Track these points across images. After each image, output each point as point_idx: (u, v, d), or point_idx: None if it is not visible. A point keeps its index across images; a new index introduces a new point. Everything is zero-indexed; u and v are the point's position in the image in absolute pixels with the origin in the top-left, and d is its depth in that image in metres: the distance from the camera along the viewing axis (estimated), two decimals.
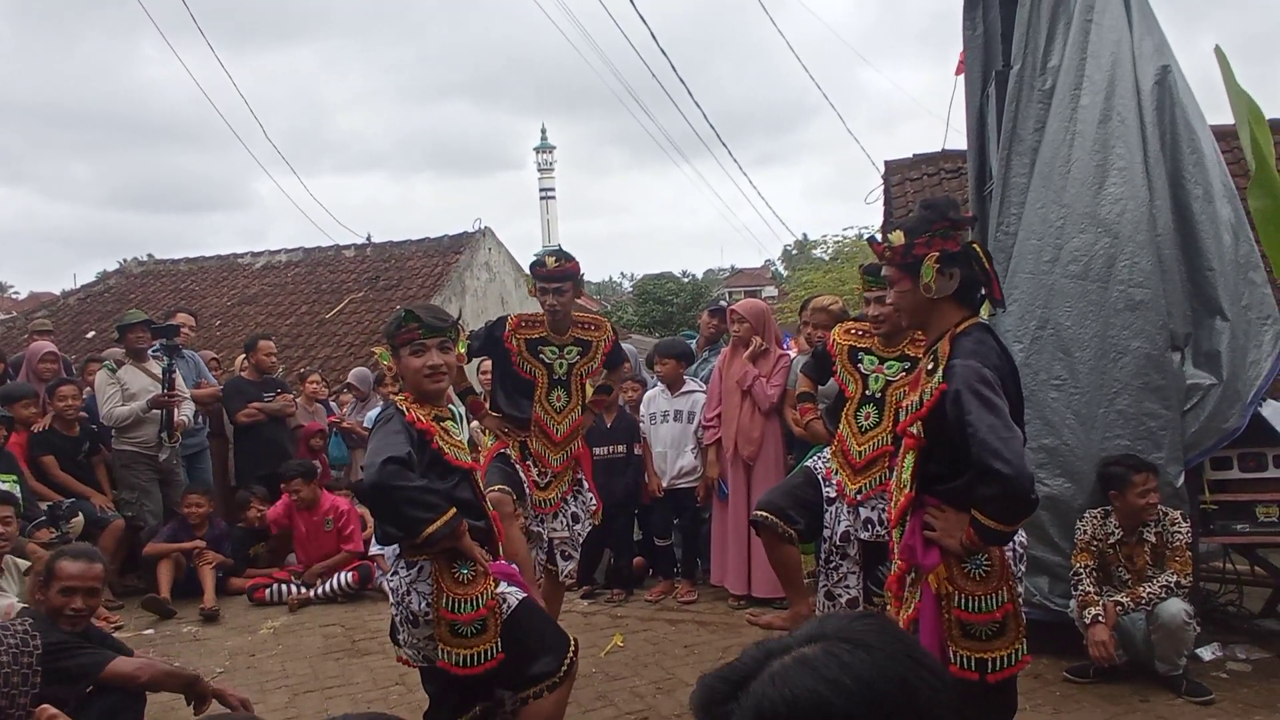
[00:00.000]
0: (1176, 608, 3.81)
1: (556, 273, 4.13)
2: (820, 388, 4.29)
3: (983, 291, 2.63)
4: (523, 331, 4.24)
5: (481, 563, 2.85)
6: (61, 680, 2.99)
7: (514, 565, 3.24)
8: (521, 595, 3.02)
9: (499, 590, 2.92)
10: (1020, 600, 2.49)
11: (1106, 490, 4.08)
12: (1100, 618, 3.88)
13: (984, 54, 5.03)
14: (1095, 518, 4.14)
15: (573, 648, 3.00)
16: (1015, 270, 4.44)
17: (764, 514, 3.77)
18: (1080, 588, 4.02)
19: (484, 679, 2.86)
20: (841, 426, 3.91)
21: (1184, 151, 4.33)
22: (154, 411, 6.40)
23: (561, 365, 4.25)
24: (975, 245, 2.59)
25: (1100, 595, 4.00)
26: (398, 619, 2.95)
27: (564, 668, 2.93)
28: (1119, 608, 3.95)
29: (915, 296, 2.59)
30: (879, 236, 2.72)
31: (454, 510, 2.76)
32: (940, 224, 2.56)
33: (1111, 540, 4.09)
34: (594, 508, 4.47)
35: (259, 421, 7.01)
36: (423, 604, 2.85)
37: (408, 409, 2.89)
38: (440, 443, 2.89)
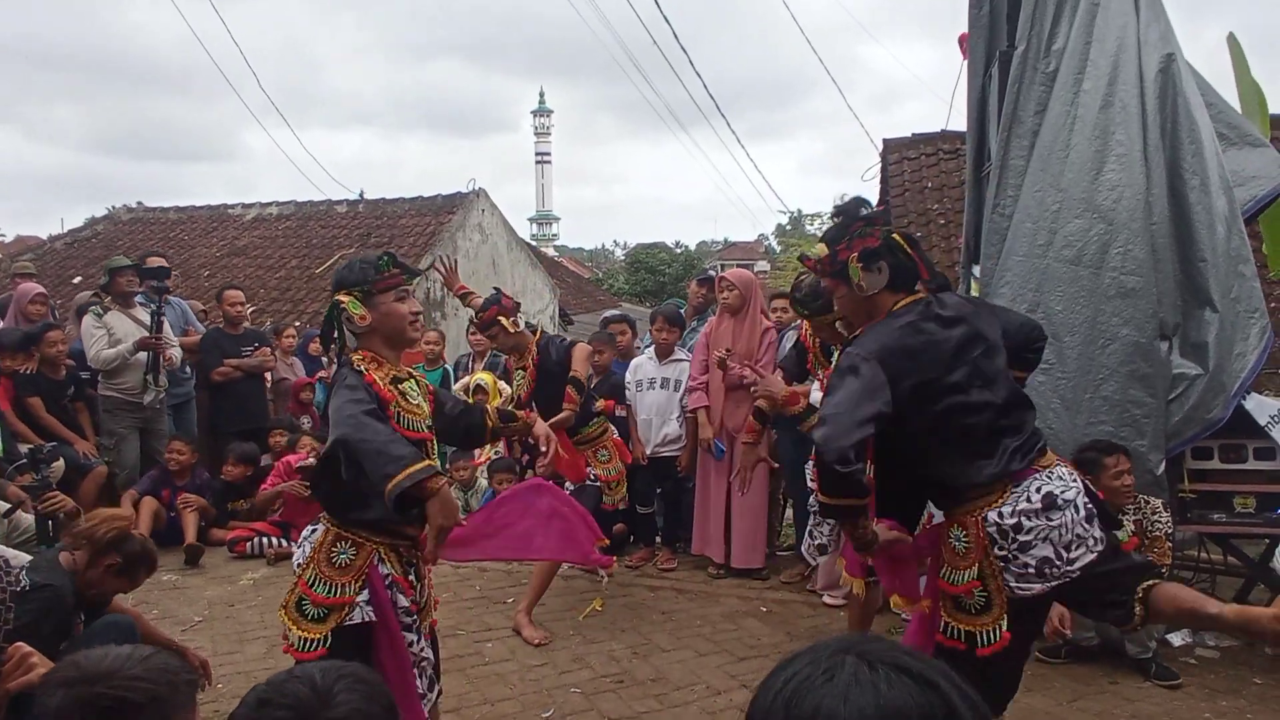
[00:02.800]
0: None
1: (481, 324, 4.81)
2: None
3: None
4: (513, 360, 4.99)
5: (445, 521, 2.45)
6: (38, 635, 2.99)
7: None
8: (373, 618, 2.66)
9: (360, 598, 2.65)
10: (1007, 580, 2.48)
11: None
12: None
13: (989, 34, 5.00)
14: None
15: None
16: (1009, 253, 4.44)
17: None
18: None
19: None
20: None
21: (1184, 141, 4.33)
22: (140, 355, 6.37)
23: (521, 386, 4.84)
24: (894, 235, 2.68)
25: None
26: None
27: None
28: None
29: (853, 297, 2.70)
30: (808, 253, 2.91)
31: (428, 462, 2.47)
32: (855, 225, 2.69)
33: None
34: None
35: (234, 379, 6.95)
36: (295, 567, 2.75)
37: (365, 369, 2.67)
38: (397, 413, 2.68)
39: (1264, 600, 3.36)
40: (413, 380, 2.85)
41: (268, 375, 7.42)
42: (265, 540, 6.17)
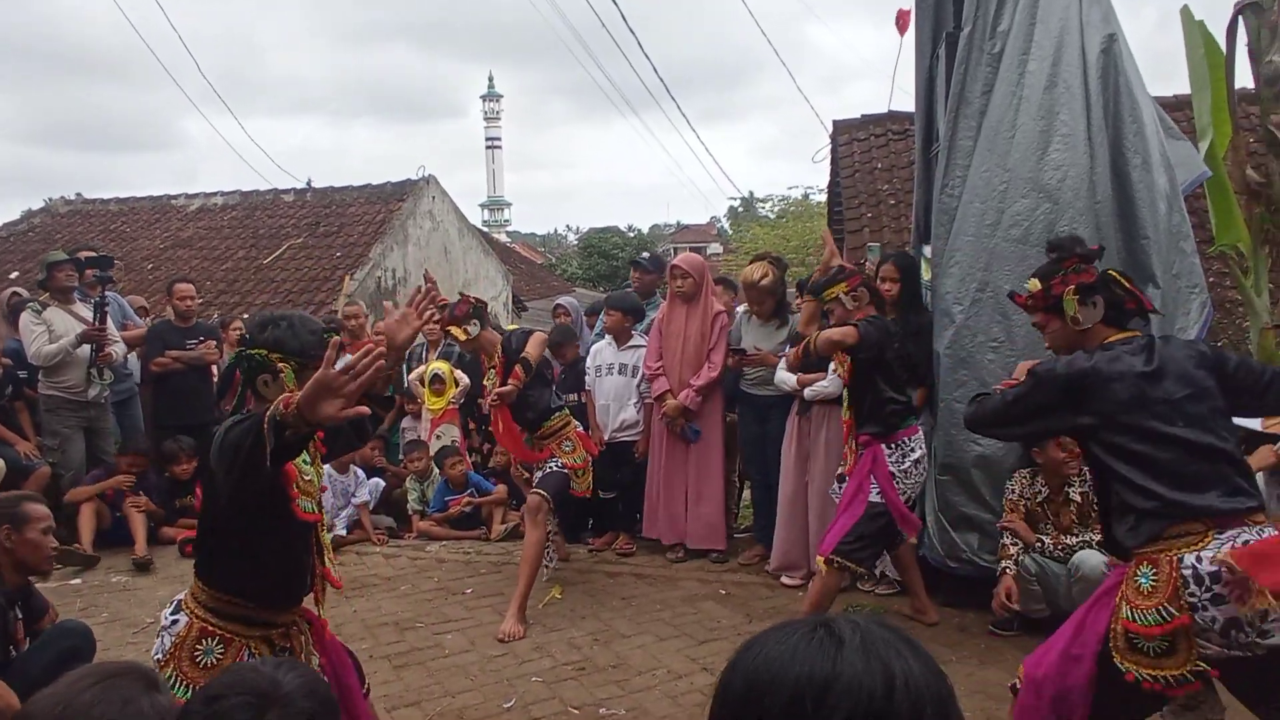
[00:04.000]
0: (1097, 560, 3.94)
1: (457, 319, 4.81)
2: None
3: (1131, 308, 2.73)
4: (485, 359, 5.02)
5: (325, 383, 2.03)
6: None
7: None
8: None
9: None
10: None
11: (1028, 450, 4.21)
12: (1009, 570, 4.04)
13: (935, 15, 5.04)
14: (1024, 477, 4.26)
15: None
16: (958, 233, 4.49)
17: None
18: (1002, 541, 4.17)
19: None
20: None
21: (1125, 120, 4.39)
22: (83, 351, 6.18)
23: (492, 385, 4.91)
24: (1110, 272, 2.73)
25: (1017, 550, 4.14)
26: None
27: None
28: (1039, 545, 4.14)
29: (1066, 332, 2.72)
30: (1021, 290, 2.91)
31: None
32: (1071, 260, 2.71)
33: (1039, 499, 4.21)
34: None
35: (176, 370, 6.76)
36: (154, 657, 2.49)
37: None
38: (296, 489, 2.40)
39: None
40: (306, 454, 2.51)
41: (214, 369, 7.27)
42: None
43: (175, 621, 2.49)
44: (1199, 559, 2.32)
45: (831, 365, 4.60)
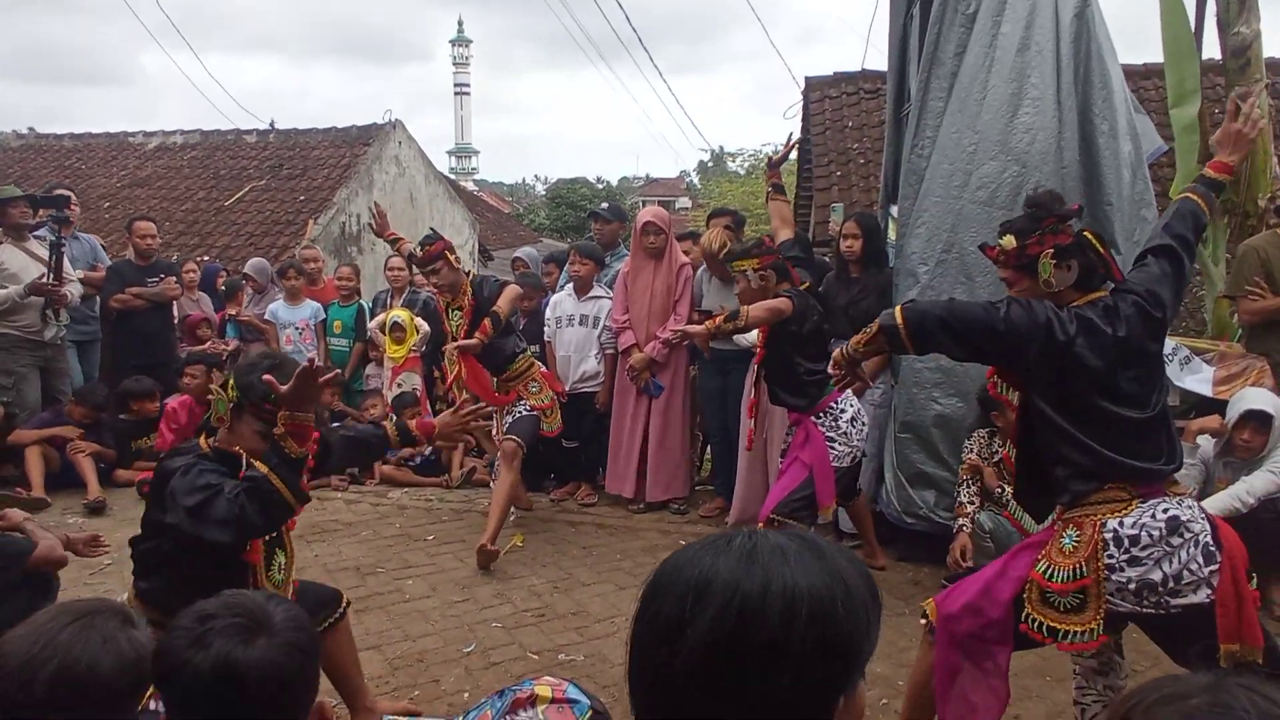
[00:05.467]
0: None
1: (424, 259, 4.87)
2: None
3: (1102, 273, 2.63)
4: (445, 299, 5.09)
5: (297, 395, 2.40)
6: None
7: None
8: None
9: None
10: (1105, 589, 2.42)
11: (987, 413, 4.27)
12: (965, 528, 4.13)
13: None
14: (981, 437, 4.34)
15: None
16: (925, 194, 4.51)
17: None
18: (958, 499, 4.25)
19: None
20: None
21: (1095, 86, 4.42)
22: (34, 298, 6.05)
23: (460, 326, 4.97)
24: (1086, 233, 2.62)
25: (973, 509, 4.22)
26: None
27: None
28: (999, 492, 4.24)
29: (1035, 292, 2.61)
30: (990, 243, 2.76)
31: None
32: (1049, 220, 2.60)
33: (996, 459, 4.29)
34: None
35: (136, 309, 6.67)
36: None
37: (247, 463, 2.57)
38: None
39: None
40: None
41: (175, 309, 7.17)
42: None
43: None
44: (1120, 524, 2.41)
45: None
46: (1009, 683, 2.58)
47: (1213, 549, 2.37)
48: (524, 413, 5.06)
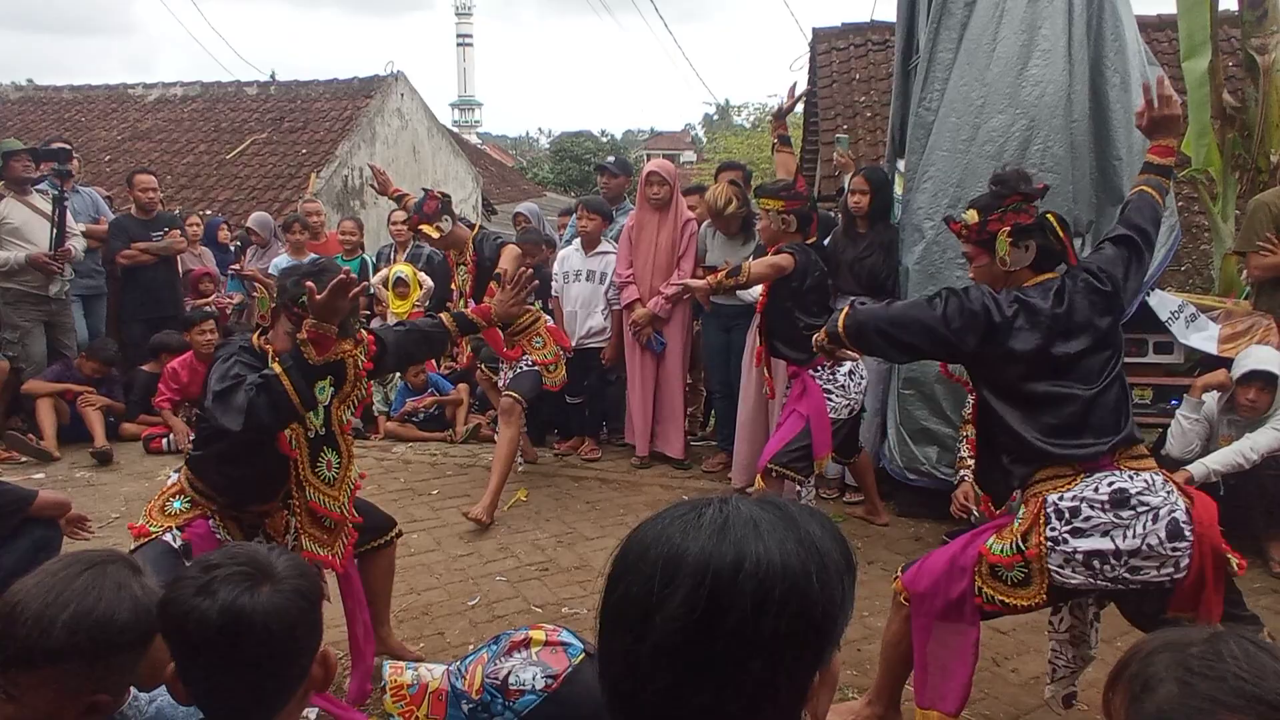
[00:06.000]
0: None
1: (426, 216, 4.77)
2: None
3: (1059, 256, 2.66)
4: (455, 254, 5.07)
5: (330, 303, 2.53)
6: None
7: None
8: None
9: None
10: (1051, 561, 2.42)
11: None
12: (966, 478, 4.13)
13: None
14: None
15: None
16: (933, 147, 4.46)
17: None
18: (959, 454, 4.25)
19: None
20: None
21: (1107, 38, 4.34)
22: (42, 242, 6.01)
23: (466, 281, 4.98)
24: (1049, 216, 2.65)
25: (974, 462, 4.21)
26: None
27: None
28: None
29: (991, 269, 2.65)
30: (954, 216, 2.81)
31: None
32: (1012, 198, 2.61)
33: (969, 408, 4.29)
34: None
35: (143, 264, 6.66)
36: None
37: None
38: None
39: None
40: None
41: (179, 263, 7.15)
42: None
43: (170, 477, 2.90)
44: (1060, 498, 2.42)
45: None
46: (978, 648, 2.62)
47: (1181, 525, 2.33)
48: (525, 368, 5.05)
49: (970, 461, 4.22)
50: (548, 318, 5.27)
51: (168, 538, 2.73)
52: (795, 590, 0.90)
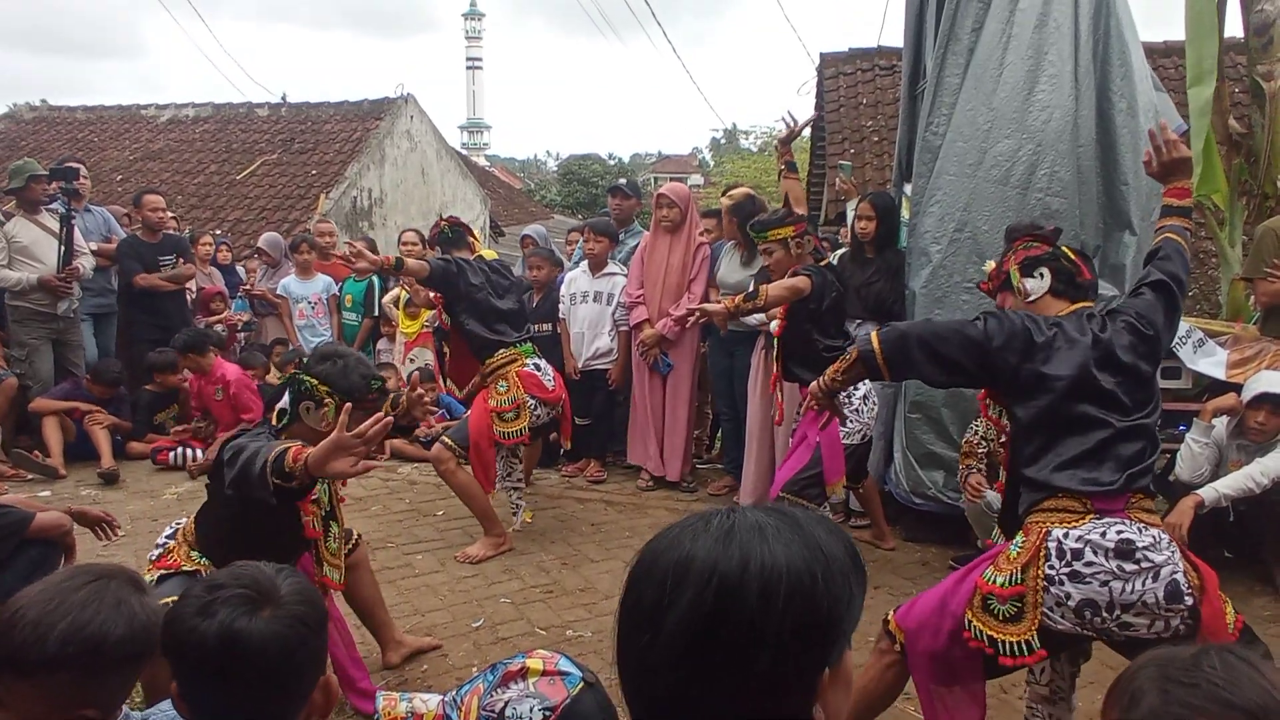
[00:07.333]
0: None
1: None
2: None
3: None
4: None
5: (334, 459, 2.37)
6: None
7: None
8: None
9: None
10: (1043, 600, 2.32)
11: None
12: (976, 469, 4.08)
13: None
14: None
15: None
16: (940, 172, 4.46)
17: None
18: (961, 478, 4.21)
19: None
20: None
21: (1114, 63, 4.35)
22: (50, 262, 6.04)
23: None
24: (1062, 247, 2.71)
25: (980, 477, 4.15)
26: None
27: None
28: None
29: (1019, 307, 2.67)
30: (985, 274, 2.90)
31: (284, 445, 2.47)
32: (1022, 239, 2.72)
33: (1002, 440, 4.26)
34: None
35: (159, 288, 6.69)
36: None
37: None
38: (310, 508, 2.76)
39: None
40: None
41: (190, 285, 7.20)
42: (188, 452, 6.07)
43: (162, 545, 2.82)
44: (1065, 535, 2.32)
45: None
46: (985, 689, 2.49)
47: (1182, 589, 2.25)
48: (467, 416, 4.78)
49: (979, 472, 4.16)
50: (529, 362, 4.75)
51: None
52: (800, 589, 0.94)
